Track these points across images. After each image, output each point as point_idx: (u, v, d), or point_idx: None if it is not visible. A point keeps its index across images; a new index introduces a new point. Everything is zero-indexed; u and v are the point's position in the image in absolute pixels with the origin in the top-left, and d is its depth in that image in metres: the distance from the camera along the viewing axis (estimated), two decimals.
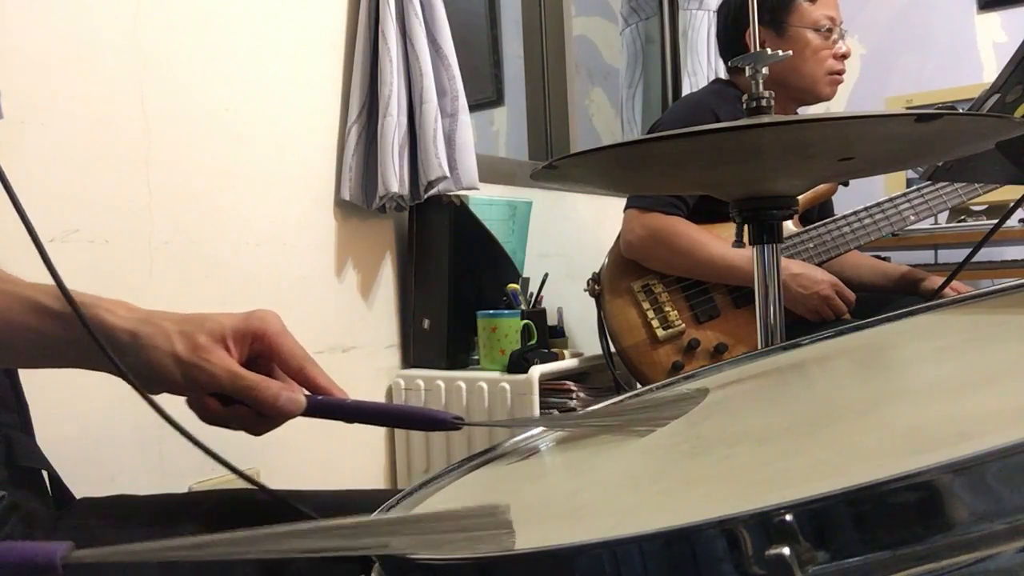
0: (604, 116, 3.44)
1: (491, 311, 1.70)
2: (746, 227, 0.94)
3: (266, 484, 0.67)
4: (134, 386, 0.56)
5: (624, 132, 3.10)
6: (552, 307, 1.94)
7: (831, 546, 0.28)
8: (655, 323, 1.71)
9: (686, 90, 2.77)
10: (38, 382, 0.79)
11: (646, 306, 1.73)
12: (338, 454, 1.67)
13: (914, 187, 1.72)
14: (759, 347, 0.94)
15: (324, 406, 0.61)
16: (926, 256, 2.54)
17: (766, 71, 0.94)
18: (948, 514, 0.27)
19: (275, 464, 1.45)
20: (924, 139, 0.75)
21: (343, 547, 0.37)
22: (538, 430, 0.65)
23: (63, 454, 0.81)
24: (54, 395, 1.02)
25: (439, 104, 1.70)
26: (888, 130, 0.74)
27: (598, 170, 0.92)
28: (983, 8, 2.90)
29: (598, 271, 1.80)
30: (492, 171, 2.06)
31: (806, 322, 1.65)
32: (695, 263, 1.70)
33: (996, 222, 1.08)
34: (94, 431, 1.26)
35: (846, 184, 1.70)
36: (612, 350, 1.77)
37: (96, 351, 0.56)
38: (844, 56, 1.78)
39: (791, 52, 1.07)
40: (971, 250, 1.13)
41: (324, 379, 0.62)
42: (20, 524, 0.68)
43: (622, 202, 1.80)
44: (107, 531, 0.70)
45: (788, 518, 0.27)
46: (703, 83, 2.66)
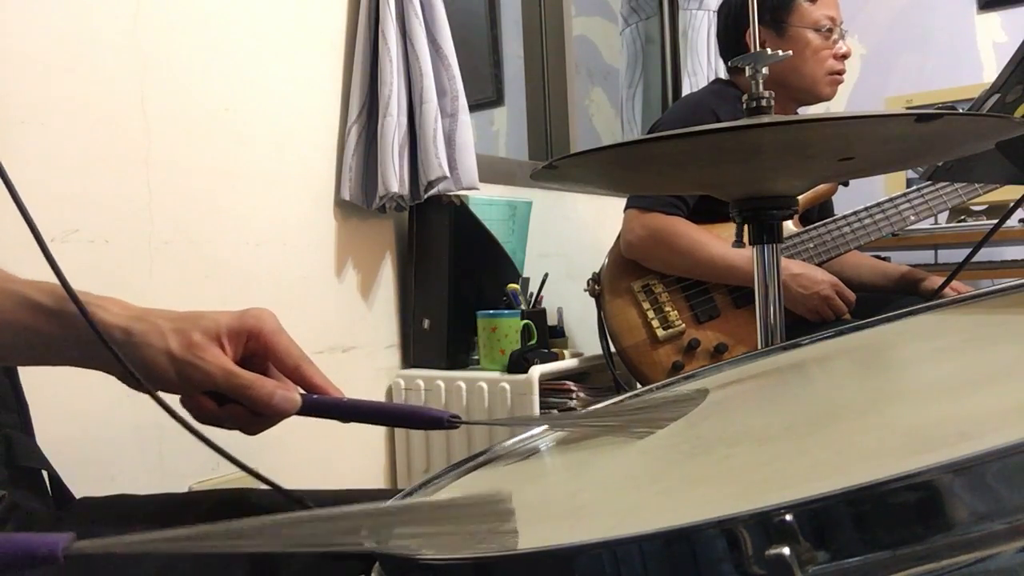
0: (604, 116, 3.44)
1: (491, 311, 1.70)
2: (746, 227, 0.94)
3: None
4: (136, 380, 0.55)
5: (624, 132, 3.10)
6: (552, 307, 1.94)
7: (831, 546, 0.28)
8: (655, 323, 1.71)
9: (686, 90, 2.77)
10: (38, 382, 0.79)
11: (646, 306, 1.73)
12: (338, 454, 1.66)
13: (914, 187, 1.72)
14: (759, 347, 0.94)
15: (320, 405, 0.60)
16: (926, 256, 2.54)
17: (766, 71, 0.94)
18: (948, 514, 0.27)
19: (274, 464, 1.44)
20: (924, 139, 0.75)
21: (343, 541, 0.37)
22: (538, 430, 0.65)
23: (63, 454, 0.81)
24: (54, 395, 1.02)
25: (439, 104, 1.70)
26: (888, 130, 0.74)
27: (598, 170, 0.92)
28: (983, 8, 2.90)
29: (598, 271, 1.80)
30: (492, 171, 2.06)
31: (806, 322, 1.65)
32: (695, 263, 1.70)
33: (996, 222, 1.08)
34: (94, 431, 1.26)
35: (846, 184, 1.70)
36: (612, 350, 1.77)
37: (91, 348, 0.55)
38: (844, 56, 1.78)
39: (791, 52, 1.07)
40: (971, 250, 1.13)
41: (320, 378, 0.61)
42: (20, 524, 0.68)
43: (622, 202, 1.80)
44: (107, 531, 0.70)
45: (788, 518, 0.27)
46: (703, 83, 2.66)
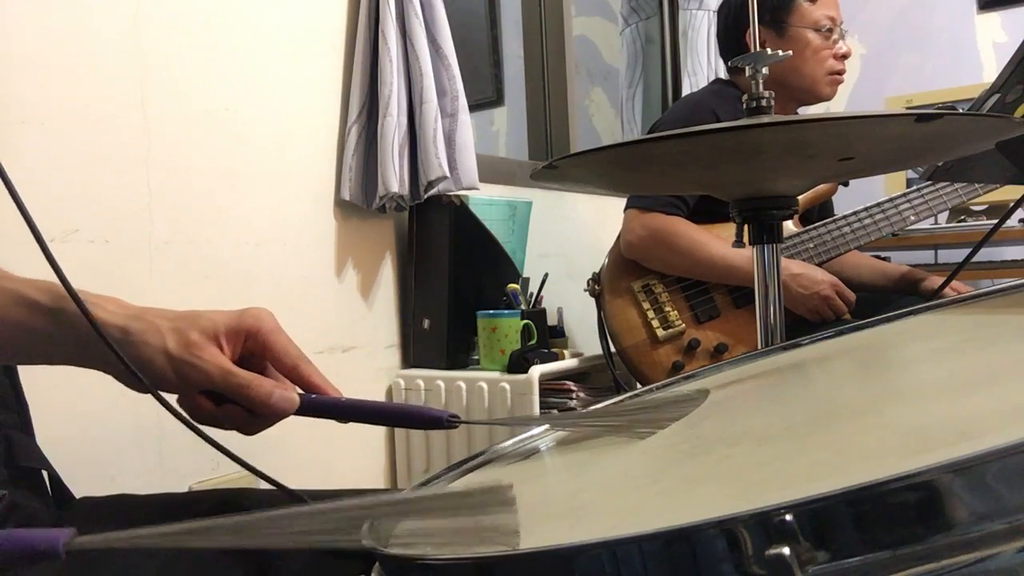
0: (604, 116, 3.44)
1: (491, 311, 1.70)
2: (746, 227, 0.94)
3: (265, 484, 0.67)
4: (135, 378, 0.55)
5: (624, 132, 3.09)
6: (552, 307, 1.94)
7: (831, 546, 0.28)
8: (655, 323, 1.71)
9: (686, 90, 2.77)
10: (38, 382, 0.79)
11: (646, 306, 1.73)
12: (337, 454, 1.66)
13: (914, 187, 1.72)
14: (759, 347, 0.94)
15: (318, 405, 0.60)
16: (926, 256, 2.54)
17: (766, 71, 0.94)
18: (948, 514, 0.27)
19: (274, 464, 1.44)
20: (924, 139, 0.75)
21: (345, 535, 0.37)
22: (538, 430, 0.65)
23: (63, 454, 0.81)
24: (54, 395, 1.01)
25: (439, 104, 1.70)
26: (888, 130, 0.74)
27: (598, 170, 0.92)
28: (983, 8, 2.90)
29: (598, 271, 1.80)
30: (492, 171, 2.06)
31: (806, 322, 1.65)
32: (695, 263, 1.70)
33: (996, 222, 1.08)
34: (94, 431, 1.26)
35: (846, 184, 1.70)
36: (612, 350, 1.77)
37: (87, 347, 0.55)
38: (844, 56, 1.78)
39: (791, 52, 1.07)
40: (971, 250, 1.13)
41: (318, 377, 0.61)
42: (20, 523, 0.68)
43: (622, 202, 1.80)
44: (107, 530, 0.70)
45: (788, 518, 0.27)
46: (703, 83, 2.66)
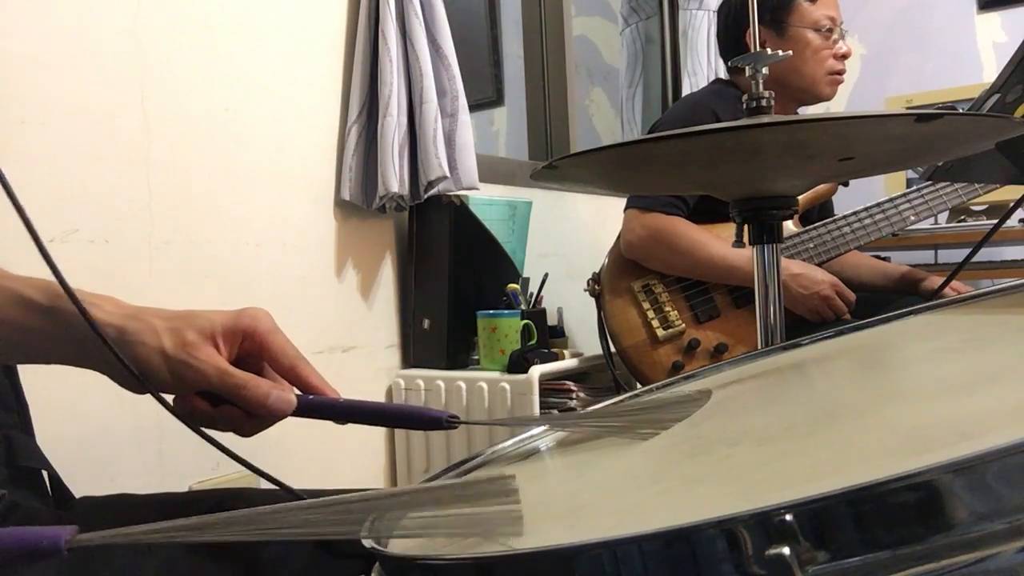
0: (604, 116, 3.44)
1: (491, 311, 1.70)
2: (746, 227, 0.94)
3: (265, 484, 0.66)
4: (132, 377, 0.55)
5: (624, 132, 3.09)
6: (552, 307, 1.94)
7: (831, 546, 0.28)
8: (655, 323, 1.71)
9: (686, 90, 2.77)
10: (38, 382, 0.79)
11: (646, 306, 1.73)
12: (338, 454, 1.66)
13: (914, 187, 1.72)
14: (759, 347, 0.94)
15: (316, 406, 0.60)
16: (926, 256, 2.54)
17: (766, 71, 0.94)
18: (948, 514, 0.27)
19: (274, 464, 1.44)
20: (924, 139, 0.75)
21: (345, 529, 0.37)
22: (538, 430, 0.65)
23: (63, 454, 0.81)
24: (54, 395, 1.01)
25: (439, 104, 1.70)
26: (888, 130, 0.74)
27: (598, 170, 0.92)
28: (983, 8, 2.90)
29: (598, 271, 1.80)
30: (492, 171, 2.06)
31: (806, 322, 1.65)
32: (695, 263, 1.70)
33: (996, 222, 1.08)
34: (94, 431, 1.26)
35: (846, 184, 1.70)
36: (612, 350, 1.77)
37: (83, 347, 0.54)
38: (844, 56, 1.78)
39: (791, 52, 1.07)
40: (971, 250, 1.13)
41: (316, 378, 0.60)
42: (20, 523, 0.68)
43: (622, 202, 1.80)
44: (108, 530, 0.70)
45: (788, 518, 0.27)
46: (703, 83, 2.66)
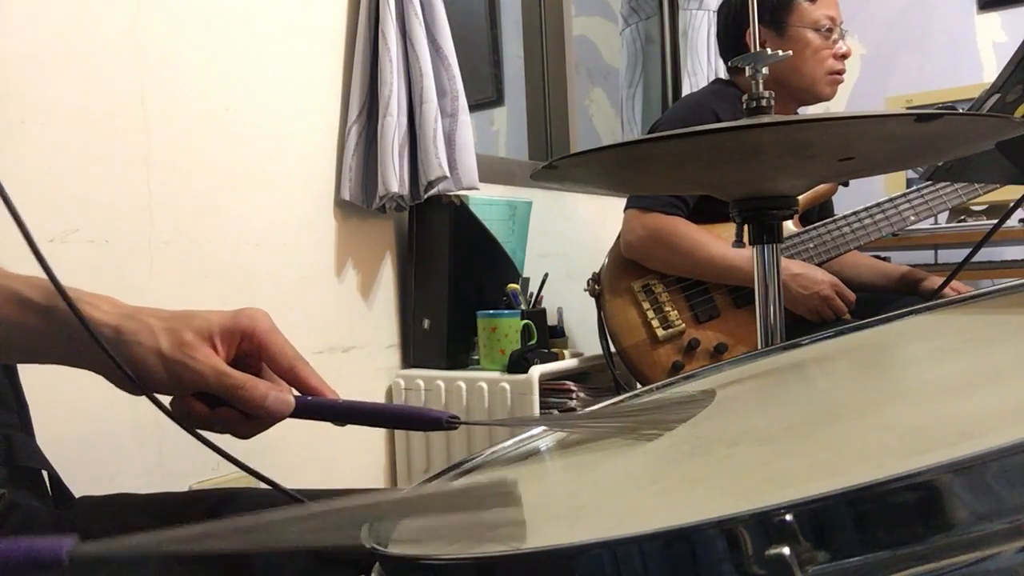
0: (604, 116, 3.44)
1: (491, 311, 1.70)
2: (746, 227, 0.94)
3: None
4: (127, 378, 0.54)
5: (624, 132, 3.09)
6: (552, 307, 1.94)
7: (831, 546, 0.28)
8: (655, 323, 1.71)
9: (686, 90, 2.77)
10: (38, 382, 0.79)
11: (646, 306, 1.73)
12: (338, 454, 1.66)
13: (914, 187, 1.72)
14: (759, 347, 0.94)
15: (315, 407, 0.59)
16: (926, 256, 2.54)
17: (766, 71, 0.94)
18: (948, 514, 0.27)
19: (274, 464, 1.44)
20: (924, 139, 0.75)
21: (347, 536, 0.37)
22: (538, 431, 0.65)
23: (63, 454, 0.81)
24: (54, 395, 1.01)
25: (439, 104, 1.70)
26: (888, 130, 0.74)
27: (598, 170, 0.92)
28: (983, 8, 2.90)
29: (598, 271, 1.80)
30: (492, 171, 2.05)
31: (806, 322, 1.65)
32: (695, 263, 1.70)
33: (996, 222, 1.08)
34: (94, 431, 1.26)
35: (846, 184, 1.70)
36: (612, 350, 1.77)
37: (80, 347, 0.54)
38: (844, 56, 1.78)
39: (791, 52, 1.07)
40: (971, 250, 1.13)
41: (315, 379, 0.60)
42: (20, 522, 0.68)
43: (622, 202, 1.80)
44: (107, 530, 0.70)
45: (788, 518, 0.27)
46: (703, 83, 2.66)
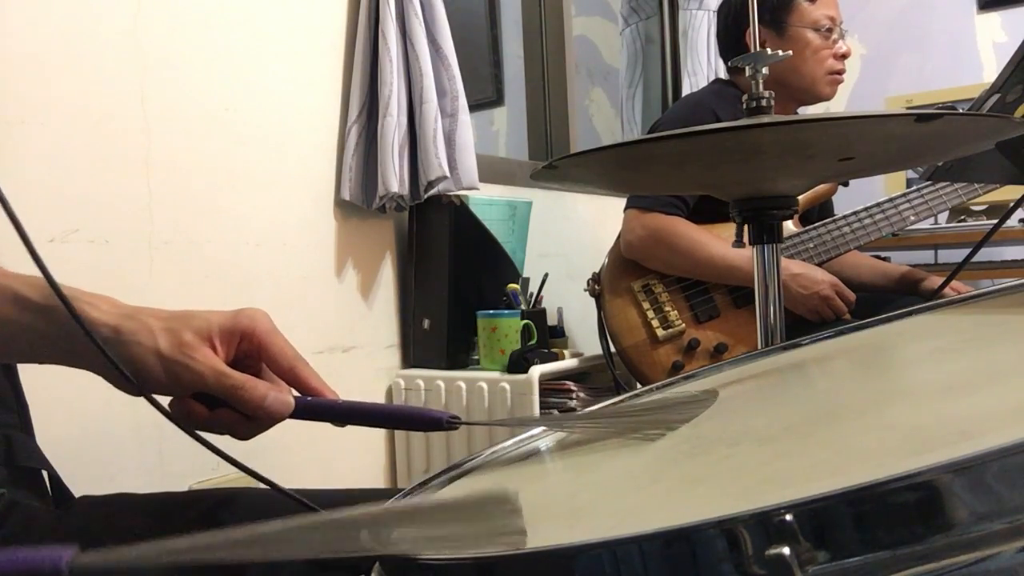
0: (604, 116, 3.44)
1: (491, 311, 1.70)
2: (746, 227, 0.94)
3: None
4: (124, 378, 0.54)
5: (624, 132, 3.09)
6: (552, 307, 1.94)
7: (831, 546, 0.28)
8: (655, 323, 1.71)
9: (686, 90, 2.77)
10: (38, 382, 0.79)
11: (646, 306, 1.73)
12: (338, 454, 1.66)
13: (914, 187, 1.72)
14: (759, 347, 0.94)
15: (315, 408, 0.59)
16: (926, 256, 2.54)
17: (766, 71, 0.94)
18: (948, 514, 0.27)
19: (274, 464, 1.44)
20: (924, 139, 0.75)
21: (346, 546, 0.36)
22: (538, 430, 0.65)
23: (63, 454, 0.81)
24: (54, 395, 1.01)
25: (439, 104, 1.70)
26: (888, 130, 0.74)
27: (598, 170, 0.92)
28: (983, 8, 2.90)
29: (598, 271, 1.80)
30: (492, 171, 2.05)
31: (806, 322, 1.65)
32: (695, 263, 1.70)
33: (996, 222, 1.08)
34: (94, 431, 1.26)
35: (846, 184, 1.70)
36: (612, 350, 1.77)
37: (78, 347, 0.53)
38: (844, 56, 1.78)
39: (791, 52, 1.07)
40: (971, 250, 1.13)
41: (316, 380, 0.59)
42: (20, 522, 0.68)
43: (622, 202, 1.80)
44: (107, 530, 0.70)
45: (788, 518, 0.27)
46: (703, 83, 2.66)
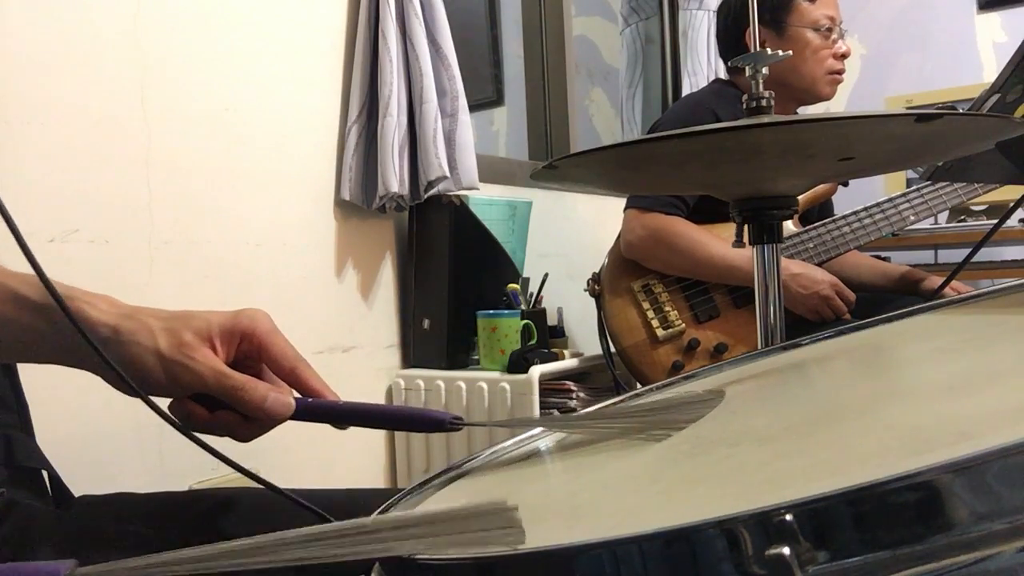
0: (604, 116, 3.44)
1: (491, 311, 1.70)
2: (746, 227, 0.94)
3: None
4: (121, 379, 0.54)
5: (624, 132, 3.09)
6: (552, 307, 1.94)
7: (831, 546, 0.28)
8: (655, 323, 1.71)
9: (686, 90, 2.77)
10: (38, 382, 0.79)
11: (646, 306, 1.73)
12: (338, 454, 1.66)
13: (914, 187, 1.72)
14: (759, 347, 0.94)
15: (315, 409, 0.58)
16: (926, 256, 2.54)
17: (766, 71, 0.94)
18: (948, 514, 0.27)
19: (274, 464, 1.44)
20: (924, 139, 0.75)
21: (350, 553, 0.36)
22: (538, 430, 0.65)
23: (63, 454, 0.81)
24: (54, 395, 1.02)
25: (439, 104, 1.70)
26: (888, 130, 0.74)
27: (598, 170, 0.92)
28: (983, 8, 2.90)
29: (598, 271, 1.80)
30: (492, 171, 2.06)
31: (806, 322, 1.65)
32: (695, 263, 1.70)
33: (996, 222, 1.08)
34: (94, 431, 1.26)
35: (846, 184, 1.70)
36: (612, 350, 1.77)
37: (77, 346, 0.53)
38: (844, 56, 1.78)
39: (791, 52, 1.07)
40: (971, 250, 1.13)
41: (316, 381, 0.59)
42: (20, 522, 0.68)
43: (622, 202, 1.80)
44: (107, 530, 0.70)
45: (788, 518, 0.27)
46: (703, 83, 2.66)
